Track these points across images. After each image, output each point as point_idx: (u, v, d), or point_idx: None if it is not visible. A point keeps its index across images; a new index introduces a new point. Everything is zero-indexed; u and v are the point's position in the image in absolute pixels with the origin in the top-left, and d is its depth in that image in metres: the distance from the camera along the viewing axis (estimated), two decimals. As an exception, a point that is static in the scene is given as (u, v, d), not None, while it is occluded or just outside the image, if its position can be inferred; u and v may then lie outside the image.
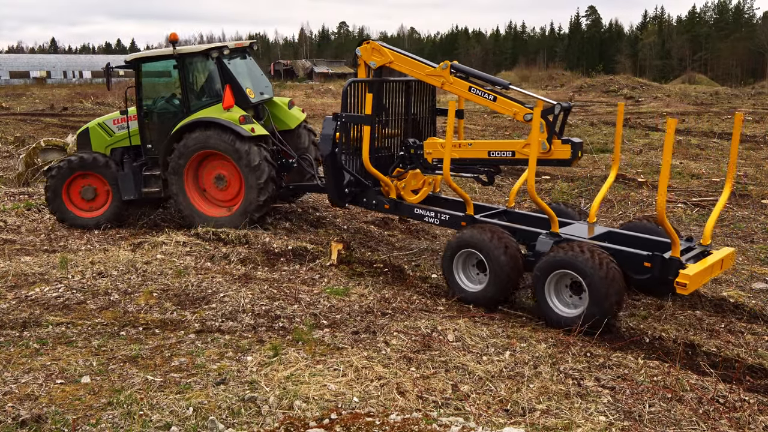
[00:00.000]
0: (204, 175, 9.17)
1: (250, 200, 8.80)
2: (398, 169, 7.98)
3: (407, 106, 8.34)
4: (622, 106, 7.12)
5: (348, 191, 8.09)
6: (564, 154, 6.67)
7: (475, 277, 6.78)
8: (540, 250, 6.37)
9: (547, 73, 62.00)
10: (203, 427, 4.13)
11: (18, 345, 5.44)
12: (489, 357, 5.25)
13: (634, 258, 5.98)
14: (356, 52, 8.16)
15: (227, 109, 8.84)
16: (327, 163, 7.92)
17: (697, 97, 35.27)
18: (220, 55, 9.08)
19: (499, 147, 7.11)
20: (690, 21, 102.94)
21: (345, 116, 7.65)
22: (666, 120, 6.56)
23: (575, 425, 4.21)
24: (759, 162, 14.99)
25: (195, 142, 8.82)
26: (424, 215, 7.68)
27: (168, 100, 9.67)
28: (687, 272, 5.58)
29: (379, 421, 3.95)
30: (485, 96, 7.09)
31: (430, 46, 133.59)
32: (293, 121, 9.76)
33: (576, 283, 5.95)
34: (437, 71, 7.45)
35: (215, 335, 5.69)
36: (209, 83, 9.34)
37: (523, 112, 6.81)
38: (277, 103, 9.84)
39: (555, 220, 6.54)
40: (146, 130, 9.48)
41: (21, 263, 7.69)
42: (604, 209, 10.74)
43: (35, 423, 4.15)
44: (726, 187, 6.38)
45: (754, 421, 4.36)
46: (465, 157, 7.30)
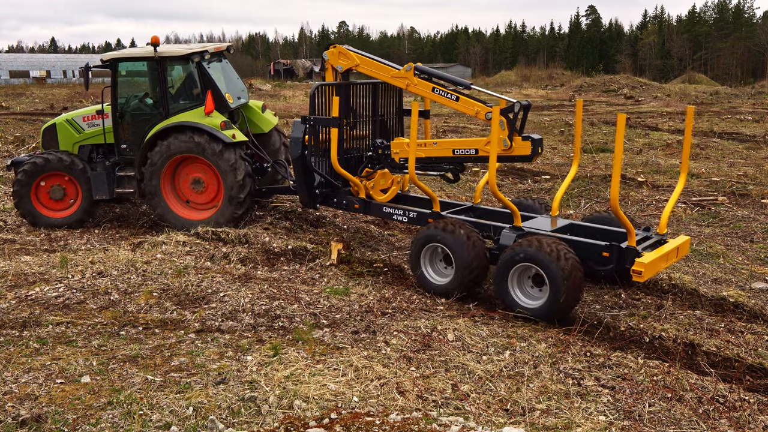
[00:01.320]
0: (181, 178, 9.20)
1: (230, 197, 8.87)
2: (367, 170, 8.16)
3: (375, 108, 8.52)
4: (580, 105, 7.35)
5: (318, 192, 8.32)
6: (524, 150, 6.90)
7: (442, 270, 6.97)
8: (504, 244, 6.62)
9: (547, 72, 62.00)
10: (203, 426, 4.13)
11: (18, 345, 5.44)
12: (489, 357, 5.25)
13: (592, 248, 6.27)
14: (323, 56, 8.39)
15: (208, 115, 8.95)
16: (297, 166, 8.11)
17: (697, 97, 35.28)
18: (201, 59, 9.16)
19: (463, 145, 7.33)
20: (690, 21, 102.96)
21: (313, 119, 7.83)
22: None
23: (575, 425, 4.21)
24: (759, 162, 14.99)
25: (175, 146, 8.86)
26: (392, 213, 7.89)
27: (144, 101, 9.65)
28: (642, 260, 5.87)
29: (379, 421, 3.95)
30: (448, 96, 7.33)
31: (430, 46, 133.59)
32: (267, 126, 9.86)
33: (538, 276, 6.15)
34: (401, 73, 7.67)
35: (215, 335, 5.70)
36: (188, 87, 9.37)
37: (484, 111, 7.02)
38: (252, 107, 9.92)
39: (517, 214, 6.82)
40: (121, 130, 9.45)
41: (21, 263, 7.69)
42: (604, 209, 10.73)
43: (35, 423, 4.16)
44: (681, 178, 6.65)
45: (754, 420, 4.36)
46: (431, 156, 7.51)
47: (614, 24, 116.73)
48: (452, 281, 6.73)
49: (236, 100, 9.57)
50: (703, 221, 9.84)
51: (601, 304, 6.62)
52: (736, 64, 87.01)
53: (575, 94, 38.51)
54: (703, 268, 7.56)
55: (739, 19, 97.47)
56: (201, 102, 9.06)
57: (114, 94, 9.39)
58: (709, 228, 9.47)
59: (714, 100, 33.98)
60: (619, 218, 6.05)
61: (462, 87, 7.53)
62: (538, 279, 6.21)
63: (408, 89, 7.74)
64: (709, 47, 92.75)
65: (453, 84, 7.56)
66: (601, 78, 47.17)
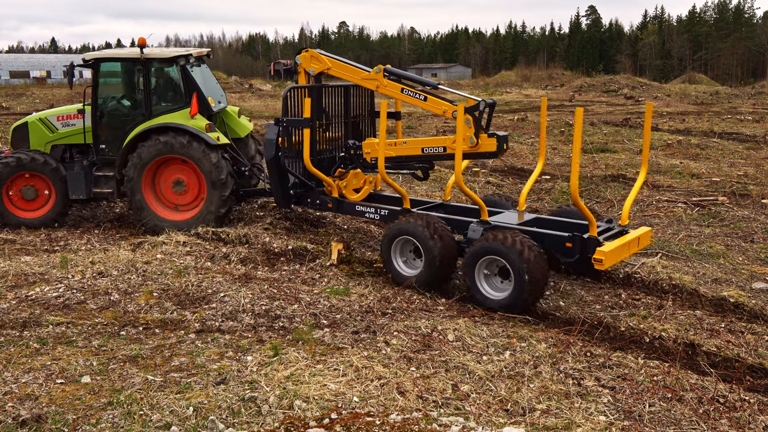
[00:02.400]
0: (162, 179, 9.21)
1: (213, 198, 8.92)
2: (340, 170, 8.35)
3: (347, 110, 8.76)
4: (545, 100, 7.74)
5: (293, 193, 8.50)
6: (490, 147, 7.15)
7: (412, 263, 7.19)
8: (471, 237, 6.84)
9: (547, 72, 62.02)
10: (203, 426, 4.13)
11: (18, 345, 5.44)
12: (489, 357, 5.25)
13: (556, 240, 6.55)
14: (296, 60, 8.62)
15: (193, 117, 9.03)
16: (271, 167, 8.27)
17: (698, 97, 35.28)
18: (185, 62, 9.23)
19: (432, 143, 7.55)
20: (690, 21, 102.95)
21: (286, 121, 7.99)
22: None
23: (575, 425, 4.21)
24: (759, 162, 15.00)
25: (158, 147, 8.88)
26: (365, 212, 8.08)
27: (126, 101, 9.66)
28: (603, 249, 6.15)
29: (380, 421, 3.95)
30: (416, 96, 7.56)
31: (430, 46, 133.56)
32: (243, 131, 9.92)
33: (504, 269, 6.39)
34: (371, 75, 7.92)
35: (215, 335, 5.70)
36: (172, 89, 9.42)
37: (451, 110, 7.21)
38: (229, 112, 9.98)
39: (484, 209, 7.04)
40: (100, 130, 9.44)
41: (21, 263, 7.69)
42: (605, 209, 10.73)
43: (35, 423, 4.16)
44: (642, 171, 6.98)
45: (754, 420, 4.36)
46: (401, 154, 7.73)
47: (614, 24, 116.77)
48: (422, 273, 6.93)
49: (217, 104, 9.67)
50: (703, 221, 9.84)
51: (601, 304, 6.62)
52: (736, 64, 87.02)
53: (575, 94, 38.51)
54: (704, 269, 7.56)
55: (739, 19, 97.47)
56: (184, 104, 9.17)
57: (95, 94, 9.38)
58: (710, 228, 9.47)
59: (714, 100, 33.98)
60: (580, 209, 6.34)
61: (430, 87, 7.76)
62: (504, 272, 6.44)
63: (378, 90, 7.95)
64: (709, 47, 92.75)
65: (421, 85, 7.80)
66: (601, 78, 47.16)
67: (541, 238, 6.57)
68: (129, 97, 9.63)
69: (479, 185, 12.33)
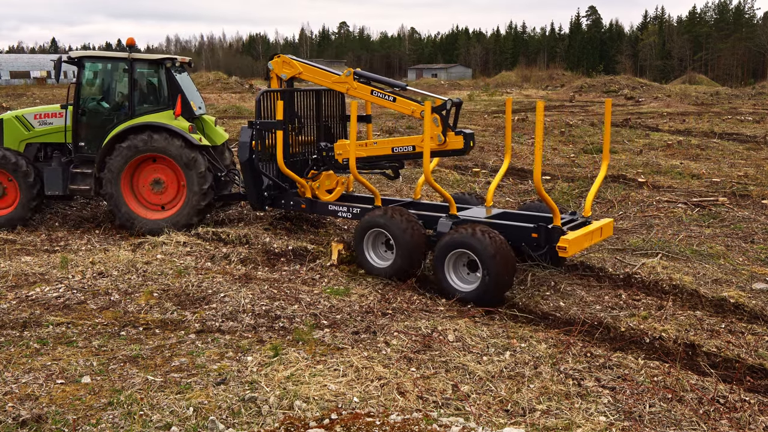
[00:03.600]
0: (140, 178, 9.26)
1: (192, 204, 9.00)
2: (312, 171, 8.62)
3: (318, 114, 9.09)
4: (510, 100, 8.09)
5: (267, 195, 8.70)
6: (458, 144, 7.43)
7: (383, 254, 7.48)
8: (441, 231, 7.10)
9: (547, 73, 62.04)
10: (203, 427, 4.13)
11: (18, 345, 5.44)
12: (489, 357, 5.25)
13: (522, 231, 6.86)
14: (268, 65, 8.88)
15: (176, 117, 9.15)
16: (245, 169, 8.47)
17: (698, 98, 35.28)
18: (171, 65, 9.38)
19: (401, 143, 7.84)
20: (690, 21, 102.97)
21: (259, 123, 8.18)
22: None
23: (575, 425, 4.21)
24: (759, 162, 15.00)
25: (140, 145, 8.94)
26: (337, 211, 8.33)
27: (109, 101, 9.68)
28: (567, 237, 6.47)
29: (380, 422, 3.95)
30: (386, 98, 7.82)
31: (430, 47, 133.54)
32: (220, 139, 10.00)
33: (472, 262, 6.62)
34: (342, 78, 8.16)
35: (215, 335, 5.70)
36: (156, 90, 9.52)
37: (419, 110, 7.46)
38: (207, 120, 10.07)
39: (453, 203, 7.36)
40: (81, 127, 9.45)
41: (21, 263, 7.69)
42: (604, 209, 10.74)
43: (35, 423, 4.15)
44: (603, 165, 7.36)
45: (754, 421, 4.36)
46: (371, 154, 8.01)
47: (615, 24, 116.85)
48: (392, 264, 7.20)
49: (198, 109, 9.81)
50: (703, 222, 9.84)
51: (601, 304, 6.62)
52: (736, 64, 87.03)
53: (575, 94, 38.51)
54: (704, 269, 7.56)
55: (740, 20, 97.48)
56: (167, 106, 9.30)
57: (78, 92, 9.40)
58: (710, 228, 9.46)
59: (714, 100, 33.98)
60: (544, 200, 6.63)
61: (399, 89, 8.04)
62: (472, 265, 6.67)
63: (348, 93, 8.19)
64: (709, 48, 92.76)
65: (391, 86, 8.06)
66: (601, 78, 47.17)
67: (508, 229, 6.87)
68: (113, 96, 9.69)
69: (479, 185, 12.33)
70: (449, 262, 6.73)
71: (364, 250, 7.47)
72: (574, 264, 7.72)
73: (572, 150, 16.85)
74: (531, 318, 6.27)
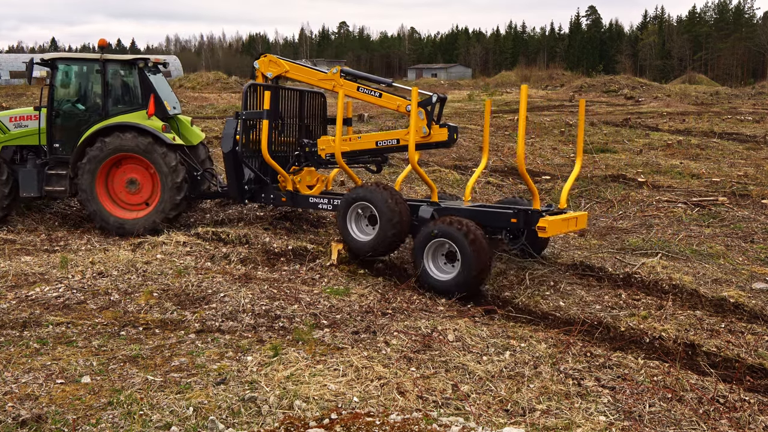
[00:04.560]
0: (115, 178, 9.30)
1: (166, 200, 9.04)
2: (294, 167, 8.83)
3: (301, 115, 9.28)
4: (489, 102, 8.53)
5: (247, 188, 8.82)
6: (442, 137, 7.68)
7: (365, 229, 7.67)
8: (422, 216, 7.41)
9: (547, 73, 61.99)
10: (203, 427, 4.13)
11: (18, 345, 5.44)
12: (489, 357, 5.25)
13: (502, 216, 7.18)
14: (254, 64, 9.01)
15: (149, 117, 9.18)
16: (228, 160, 8.57)
17: (698, 97, 35.28)
18: (144, 65, 9.41)
19: (385, 137, 8.12)
20: (690, 21, 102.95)
21: (245, 113, 8.32)
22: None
23: (575, 425, 4.21)
24: (759, 162, 15.00)
25: (114, 145, 8.98)
26: (318, 203, 8.51)
27: (83, 102, 9.70)
28: (546, 218, 6.78)
29: (380, 421, 3.95)
30: (372, 93, 8.06)
31: (430, 46, 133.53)
32: (195, 138, 10.05)
33: (451, 252, 6.84)
34: (329, 76, 8.37)
35: (215, 335, 5.69)
36: (129, 91, 9.56)
37: (404, 104, 7.78)
38: (182, 120, 10.11)
39: (435, 190, 7.71)
40: (55, 129, 9.47)
41: (21, 263, 7.69)
42: (605, 209, 10.74)
43: (35, 423, 4.15)
44: (577, 161, 7.66)
45: (754, 421, 4.36)
46: (355, 149, 8.26)
47: (614, 24, 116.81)
48: (374, 238, 7.37)
49: (172, 109, 9.85)
50: (703, 221, 9.84)
51: (601, 304, 6.63)
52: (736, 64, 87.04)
53: (575, 94, 38.50)
54: (704, 269, 7.56)
55: (740, 20, 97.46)
56: (140, 106, 9.34)
57: (51, 94, 9.43)
58: (710, 228, 9.46)
59: (714, 100, 33.98)
60: (525, 181, 6.93)
61: (385, 86, 8.24)
62: (450, 255, 6.88)
63: (334, 90, 8.31)
64: (709, 47, 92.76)
65: (376, 83, 8.28)
66: (601, 78, 47.12)
67: (488, 216, 7.23)
68: (86, 97, 9.71)
69: (479, 185, 12.33)
70: (429, 252, 6.93)
71: (347, 223, 7.65)
72: (574, 264, 7.72)
73: (572, 150, 16.85)
74: (531, 318, 6.28)
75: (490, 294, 6.97)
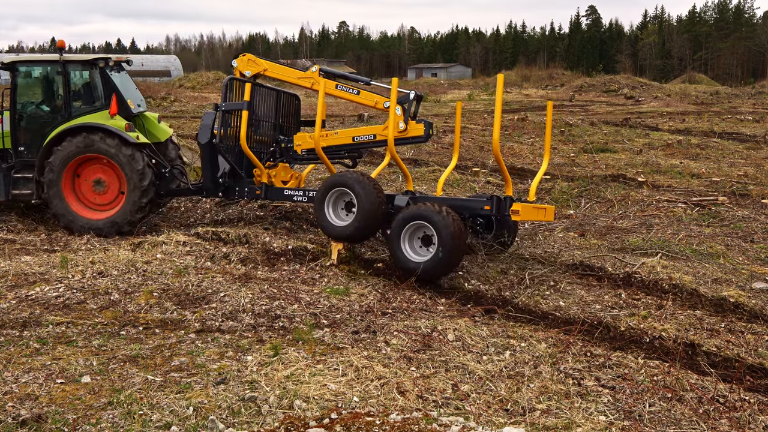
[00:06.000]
0: (82, 179, 9.29)
1: (133, 201, 9.04)
2: (269, 162, 8.95)
3: (276, 113, 9.41)
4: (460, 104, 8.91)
5: (222, 181, 8.94)
6: (418, 132, 7.91)
7: (341, 214, 7.83)
8: (398, 205, 7.64)
9: (547, 72, 61.97)
10: (203, 426, 4.13)
11: (18, 345, 5.44)
12: (489, 357, 5.25)
13: (476, 204, 7.47)
14: (232, 63, 9.11)
15: (112, 117, 9.15)
16: (204, 151, 8.71)
17: (698, 97, 35.29)
18: (105, 65, 9.39)
19: (362, 132, 8.35)
20: (690, 21, 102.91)
21: (225, 105, 8.43)
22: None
23: (575, 425, 4.21)
24: (759, 162, 15.00)
25: (78, 146, 8.97)
26: (293, 195, 8.68)
27: (45, 104, 9.68)
28: (518, 204, 7.12)
29: (380, 421, 3.95)
30: (350, 91, 8.24)
31: (430, 46, 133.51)
32: (163, 135, 10.04)
33: (427, 236, 7.07)
34: (307, 74, 8.56)
35: (215, 335, 5.69)
36: (91, 91, 9.54)
37: (382, 101, 7.99)
38: (149, 117, 10.09)
39: (410, 179, 8.06)
40: (19, 132, 9.46)
41: (21, 263, 7.69)
42: (605, 209, 10.73)
43: (35, 422, 4.15)
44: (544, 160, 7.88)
45: (754, 420, 4.36)
46: (332, 144, 8.42)
47: (614, 24, 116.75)
48: (351, 224, 7.53)
49: (137, 107, 9.83)
50: (703, 221, 9.84)
51: (601, 304, 6.63)
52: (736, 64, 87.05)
53: (575, 94, 38.51)
54: (704, 268, 7.55)
55: (740, 19, 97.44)
56: (103, 106, 9.31)
57: (13, 97, 9.42)
58: (710, 228, 9.46)
59: (714, 100, 33.99)
60: (500, 168, 7.26)
61: (363, 83, 8.44)
62: (426, 239, 7.09)
63: (313, 88, 8.48)
64: (709, 47, 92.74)
65: (355, 81, 8.44)
66: (601, 78, 47.14)
67: (462, 204, 7.53)
68: (48, 99, 9.69)
69: (479, 185, 12.32)
70: (405, 235, 7.14)
71: (324, 209, 7.78)
72: (574, 264, 7.72)
73: (572, 149, 16.85)
74: (531, 318, 6.28)
75: (490, 294, 6.97)
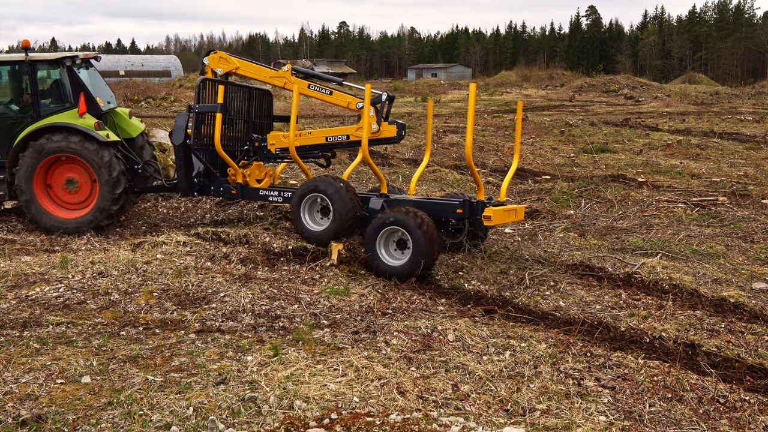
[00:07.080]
0: (53, 179, 9.29)
1: (105, 195, 9.05)
2: (243, 161, 8.99)
3: (249, 112, 9.42)
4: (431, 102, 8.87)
5: (197, 181, 8.98)
6: (391, 133, 8.08)
7: (317, 219, 8.09)
8: (372, 208, 7.81)
9: (547, 72, 62.00)
10: (203, 427, 4.13)
11: (18, 345, 5.44)
12: (489, 357, 5.25)
13: (448, 207, 7.53)
14: (204, 60, 9.11)
15: (82, 116, 9.12)
16: (178, 152, 8.73)
17: (698, 97, 35.29)
18: (72, 63, 9.34)
19: (336, 132, 8.44)
20: (690, 21, 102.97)
21: (198, 107, 8.44)
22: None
23: (575, 425, 4.21)
24: (759, 162, 15.00)
25: (49, 145, 8.96)
26: (268, 195, 8.72)
27: (13, 104, 9.66)
28: (491, 208, 7.21)
29: (380, 421, 3.95)
30: (323, 91, 8.34)
31: (430, 46, 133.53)
32: (135, 131, 10.00)
33: (402, 240, 7.20)
34: (279, 73, 8.56)
35: (215, 335, 5.69)
36: (59, 90, 9.50)
37: (354, 102, 8.10)
38: (120, 113, 10.06)
39: (384, 182, 8.07)
40: None
41: (21, 263, 7.69)
42: (605, 209, 10.73)
43: (35, 423, 4.15)
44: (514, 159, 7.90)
45: (754, 421, 4.36)
46: (305, 144, 8.54)
47: (614, 24, 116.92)
48: (329, 228, 7.77)
49: (106, 104, 9.78)
50: (703, 221, 9.84)
51: (601, 304, 6.63)
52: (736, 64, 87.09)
53: (575, 94, 38.51)
54: (704, 269, 7.56)
55: (740, 20, 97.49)
56: (71, 105, 9.26)
57: None
58: (710, 228, 9.46)
59: (714, 100, 34.00)
60: (472, 173, 7.31)
61: (336, 84, 8.52)
62: (401, 243, 7.22)
63: (285, 87, 8.50)
64: (709, 47, 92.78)
65: (327, 82, 8.51)
66: (601, 78, 47.18)
67: (436, 206, 7.60)
68: (16, 99, 9.67)
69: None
70: (381, 239, 7.26)
71: (300, 214, 8.01)
72: (574, 264, 7.72)
73: (572, 150, 16.85)
74: (531, 318, 6.28)
75: (490, 294, 6.97)
